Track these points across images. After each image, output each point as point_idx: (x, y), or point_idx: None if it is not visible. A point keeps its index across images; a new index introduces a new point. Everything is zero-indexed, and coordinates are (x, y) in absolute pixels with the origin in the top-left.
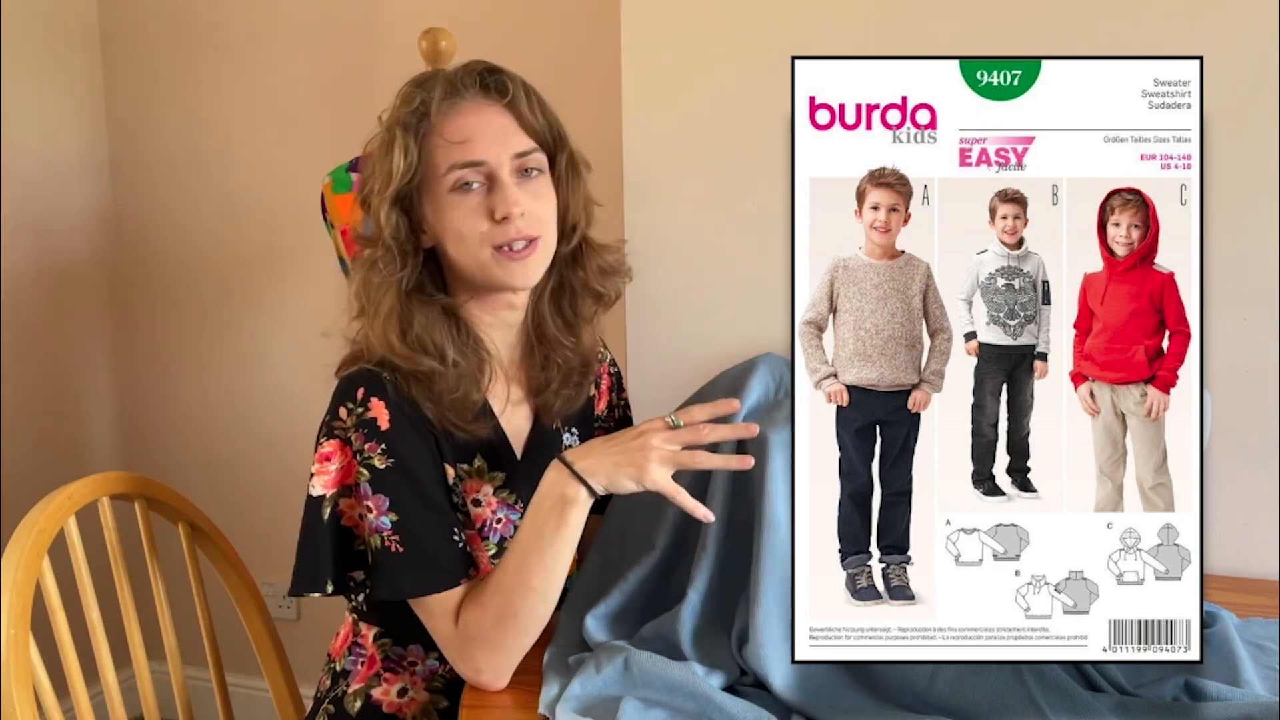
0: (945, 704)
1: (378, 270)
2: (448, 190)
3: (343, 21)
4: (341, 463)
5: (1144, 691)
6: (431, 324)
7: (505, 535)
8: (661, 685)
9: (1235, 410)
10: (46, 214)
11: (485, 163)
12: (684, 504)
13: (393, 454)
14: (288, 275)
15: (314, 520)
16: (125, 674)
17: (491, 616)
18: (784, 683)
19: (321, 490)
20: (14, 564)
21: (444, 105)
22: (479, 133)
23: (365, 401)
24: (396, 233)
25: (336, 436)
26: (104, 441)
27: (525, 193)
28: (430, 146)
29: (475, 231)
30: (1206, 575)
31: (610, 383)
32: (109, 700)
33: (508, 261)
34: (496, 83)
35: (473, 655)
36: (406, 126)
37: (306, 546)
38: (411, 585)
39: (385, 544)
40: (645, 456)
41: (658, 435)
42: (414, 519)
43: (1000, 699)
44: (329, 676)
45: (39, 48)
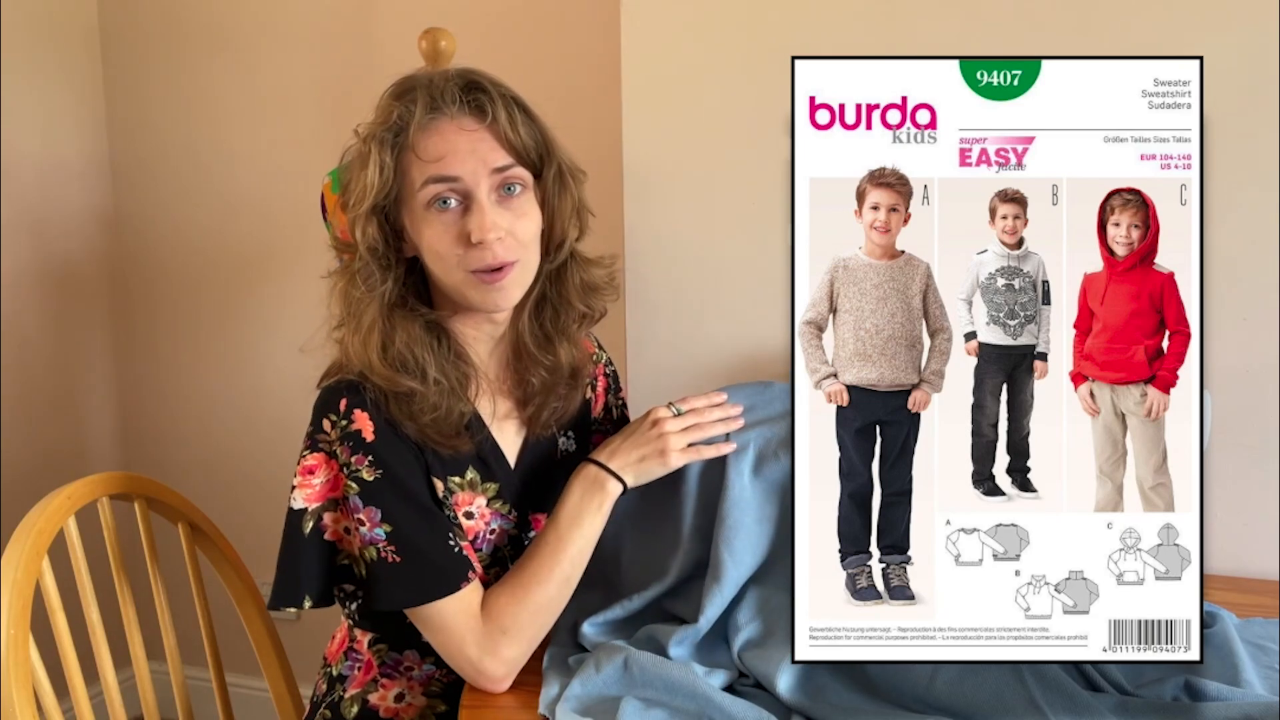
0: (945, 704)
1: (357, 284)
2: (423, 206)
3: (343, 21)
4: (327, 476)
5: (1144, 691)
6: (413, 339)
7: (500, 546)
8: (661, 685)
9: (1235, 410)
10: (46, 214)
11: (460, 179)
12: (709, 456)
13: (380, 464)
14: (287, 275)
15: (294, 534)
16: (125, 674)
17: (530, 608)
18: (785, 684)
19: (303, 504)
20: (14, 564)
21: (422, 120)
22: (454, 150)
23: (349, 414)
24: (374, 245)
25: (321, 450)
26: (104, 441)
27: (506, 212)
28: (405, 162)
29: (451, 253)
30: (1206, 575)
31: (606, 384)
32: (109, 700)
33: (482, 285)
34: (475, 102)
35: (500, 649)
36: (382, 141)
37: (287, 560)
38: (415, 593)
39: (381, 555)
40: (666, 443)
41: (669, 422)
42: (409, 527)
43: (1000, 699)
44: (325, 681)
45: (39, 48)
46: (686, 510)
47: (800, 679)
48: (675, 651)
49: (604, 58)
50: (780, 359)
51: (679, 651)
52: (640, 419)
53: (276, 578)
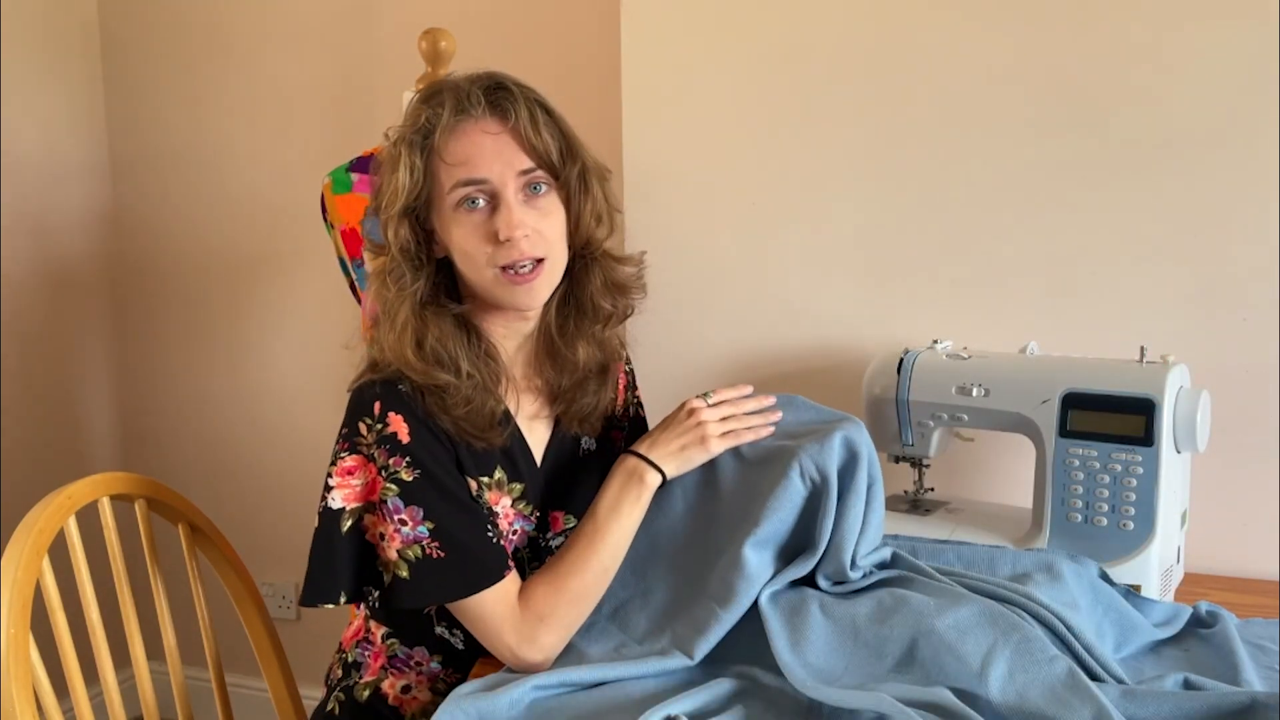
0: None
1: (390, 284)
2: (452, 207)
3: (343, 21)
4: (365, 479)
5: (1144, 686)
6: (446, 335)
7: (519, 547)
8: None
9: (1235, 410)
10: (46, 214)
11: (488, 180)
12: (748, 440)
13: (418, 465)
14: (288, 275)
15: (332, 532)
16: (125, 674)
17: (568, 597)
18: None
19: (341, 503)
20: (14, 564)
21: (448, 124)
22: (480, 153)
23: (384, 417)
24: (406, 246)
25: (361, 452)
26: (104, 441)
27: (532, 211)
28: (434, 165)
29: (480, 252)
30: (1206, 575)
31: (626, 381)
32: (109, 700)
33: (512, 284)
34: (498, 104)
35: (539, 636)
36: (411, 144)
37: (322, 558)
38: (460, 587)
39: (427, 552)
40: (705, 430)
41: (704, 411)
42: (451, 523)
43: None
44: (340, 666)
45: (39, 48)
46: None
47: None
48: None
49: (604, 58)
50: (780, 359)
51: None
52: (675, 411)
53: (310, 575)
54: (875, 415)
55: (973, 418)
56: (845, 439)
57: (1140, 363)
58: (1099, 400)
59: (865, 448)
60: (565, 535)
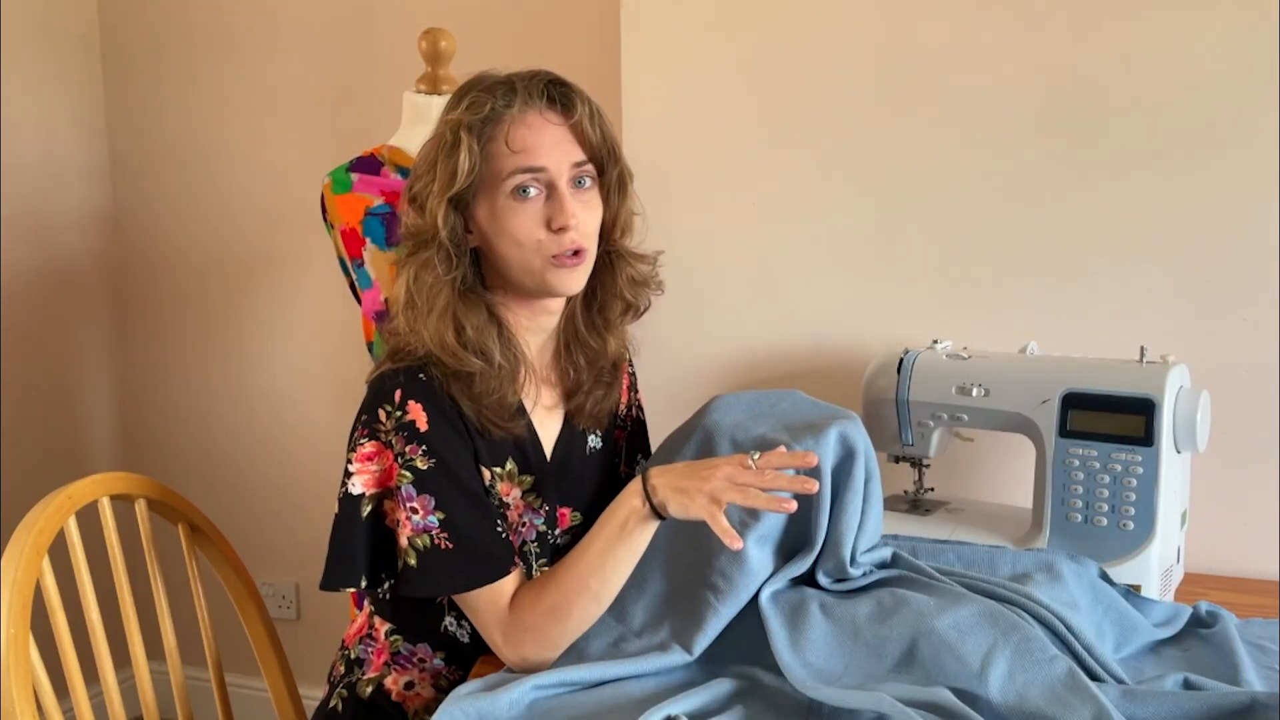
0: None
1: (432, 268)
2: (506, 195)
3: (343, 21)
4: (383, 465)
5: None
6: (481, 324)
7: (527, 540)
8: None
9: (1235, 410)
10: (46, 214)
11: (545, 170)
12: (715, 527)
13: (434, 454)
14: (287, 275)
15: (352, 516)
16: (125, 674)
17: (544, 609)
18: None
19: (362, 489)
20: (14, 563)
21: (511, 113)
22: (541, 142)
23: (403, 404)
24: (453, 233)
25: (379, 439)
26: (104, 441)
27: (579, 203)
28: (492, 152)
29: (532, 239)
30: (1206, 575)
31: (629, 381)
32: (109, 700)
33: (559, 269)
34: (563, 98)
35: (521, 643)
36: (471, 129)
37: (342, 542)
38: (465, 579)
39: (435, 542)
40: (700, 486)
41: (725, 469)
42: (460, 515)
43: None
44: (343, 663)
45: (39, 48)
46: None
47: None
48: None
49: (604, 58)
50: (780, 359)
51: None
52: (719, 457)
53: (330, 559)
54: (875, 415)
55: (973, 418)
56: (841, 434)
57: (1140, 363)
58: (1099, 400)
59: (861, 443)
60: (572, 533)
